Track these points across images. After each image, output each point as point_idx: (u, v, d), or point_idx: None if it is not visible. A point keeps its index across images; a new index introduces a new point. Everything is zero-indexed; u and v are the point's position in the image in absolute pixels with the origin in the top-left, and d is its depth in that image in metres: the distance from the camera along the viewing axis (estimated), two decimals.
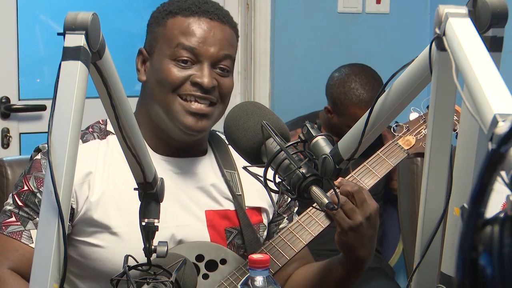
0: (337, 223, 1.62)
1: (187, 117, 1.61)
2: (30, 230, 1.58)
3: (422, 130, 1.85)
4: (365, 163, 1.80)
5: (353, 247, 1.62)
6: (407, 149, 1.84)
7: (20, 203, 1.59)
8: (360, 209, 1.60)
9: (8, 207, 1.60)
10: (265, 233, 1.77)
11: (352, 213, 1.60)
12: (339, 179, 1.66)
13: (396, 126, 1.87)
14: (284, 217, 1.80)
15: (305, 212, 1.72)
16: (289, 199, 1.80)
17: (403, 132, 1.86)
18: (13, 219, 1.59)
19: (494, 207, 0.67)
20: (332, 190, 1.27)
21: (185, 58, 1.61)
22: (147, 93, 1.67)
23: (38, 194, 1.58)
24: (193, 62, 1.62)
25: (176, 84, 1.61)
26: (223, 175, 1.72)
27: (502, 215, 0.66)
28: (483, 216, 0.65)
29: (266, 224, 1.77)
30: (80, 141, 1.64)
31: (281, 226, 1.79)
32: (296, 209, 1.84)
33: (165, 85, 1.62)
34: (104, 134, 1.68)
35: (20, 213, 1.59)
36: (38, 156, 1.63)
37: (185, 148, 1.69)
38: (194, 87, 1.61)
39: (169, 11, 1.66)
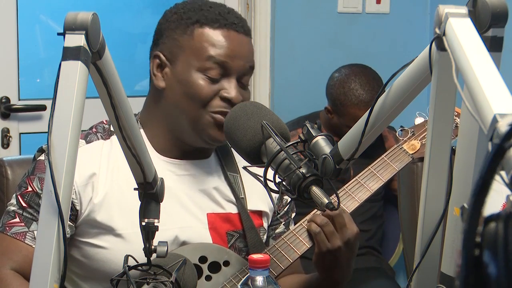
0: (316, 244, 1.64)
1: (214, 130, 1.61)
2: (34, 231, 1.57)
3: None
4: (369, 167, 1.80)
5: (329, 269, 1.65)
6: (412, 154, 1.83)
7: (24, 204, 1.59)
8: (340, 233, 1.62)
9: (12, 208, 1.60)
10: (265, 236, 1.76)
11: (331, 236, 1.62)
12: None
13: (401, 130, 1.86)
14: (281, 222, 1.80)
15: (311, 213, 1.72)
16: (288, 205, 1.80)
17: (408, 136, 1.86)
18: (17, 220, 1.59)
19: (494, 207, 0.67)
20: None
21: (215, 75, 1.60)
22: (168, 101, 1.64)
23: (42, 195, 1.58)
24: (222, 75, 1.61)
25: (206, 100, 1.60)
26: (226, 178, 1.72)
27: (506, 211, 0.65)
28: (485, 212, 0.65)
29: (266, 228, 1.77)
30: (84, 141, 1.64)
31: (277, 231, 1.79)
32: (293, 214, 1.84)
33: (195, 99, 1.60)
34: (108, 134, 1.67)
35: (24, 214, 1.59)
36: (42, 157, 1.62)
37: (191, 151, 1.69)
38: (223, 102, 1.60)
39: (196, 20, 1.63)
